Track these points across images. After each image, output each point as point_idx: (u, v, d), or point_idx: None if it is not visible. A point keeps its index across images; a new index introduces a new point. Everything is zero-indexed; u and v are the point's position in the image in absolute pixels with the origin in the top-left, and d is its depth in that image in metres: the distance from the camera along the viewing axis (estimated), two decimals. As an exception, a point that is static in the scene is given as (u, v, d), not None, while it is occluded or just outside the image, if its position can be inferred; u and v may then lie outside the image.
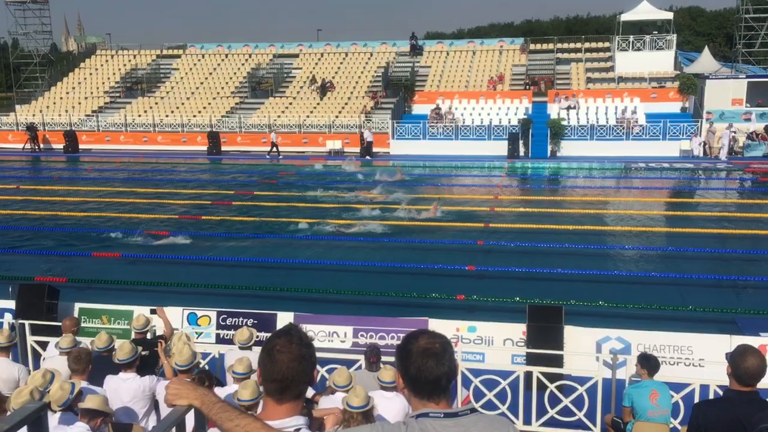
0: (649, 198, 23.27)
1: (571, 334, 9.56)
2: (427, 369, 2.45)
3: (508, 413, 8.01)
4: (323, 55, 45.47)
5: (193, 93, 42.79)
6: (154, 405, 6.38)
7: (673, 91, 35.86)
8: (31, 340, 9.26)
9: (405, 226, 18.39)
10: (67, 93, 44.45)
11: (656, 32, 39.74)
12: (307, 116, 38.28)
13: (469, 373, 8.24)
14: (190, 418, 2.56)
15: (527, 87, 38.67)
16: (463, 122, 35.38)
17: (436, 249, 16.55)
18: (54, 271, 14.85)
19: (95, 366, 6.22)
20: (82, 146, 38.55)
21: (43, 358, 8.19)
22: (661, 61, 38.13)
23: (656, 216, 20.53)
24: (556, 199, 23.14)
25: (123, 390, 6.19)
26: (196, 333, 10.56)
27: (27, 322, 9.49)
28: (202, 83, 43.83)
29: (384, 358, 6.96)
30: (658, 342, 9.62)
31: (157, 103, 41.70)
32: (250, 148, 37.19)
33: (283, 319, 10.55)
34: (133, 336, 7.96)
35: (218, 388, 5.96)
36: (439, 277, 13.99)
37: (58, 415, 5.10)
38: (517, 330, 10.04)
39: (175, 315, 10.63)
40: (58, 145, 38.50)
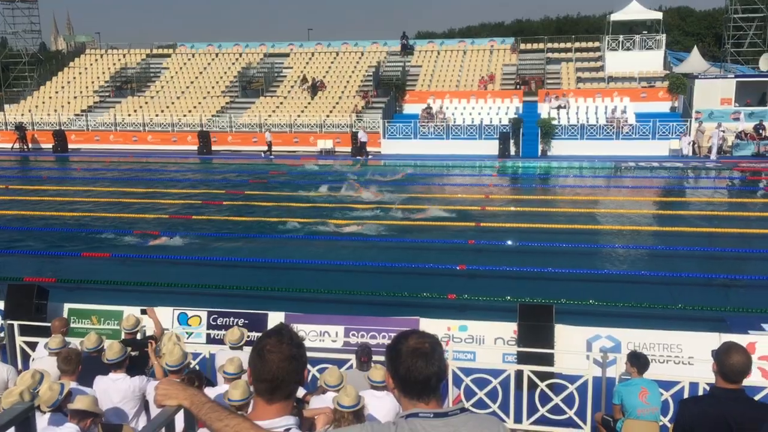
0: (639, 197, 23.39)
1: (562, 332, 9.60)
2: (416, 369, 2.45)
3: (499, 412, 8.03)
4: (314, 55, 45.42)
5: (183, 92, 42.64)
6: (144, 406, 6.35)
7: (663, 91, 36.05)
8: (20, 340, 9.20)
9: (396, 226, 18.39)
10: (56, 92, 44.19)
11: (646, 32, 39.92)
12: (298, 116, 38.23)
13: (460, 372, 8.24)
14: (180, 419, 2.55)
15: (518, 86, 38.76)
16: (454, 122, 35.42)
17: (428, 248, 16.56)
18: (43, 271, 14.76)
19: (85, 367, 6.19)
20: (71, 146, 38.36)
21: (32, 359, 8.14)
22: (650, 60, 38.32)
23: (646, 215, 20.62)
24: (546, 199, 23.21)
25: (113, 390, 6.16)
26: (187, 333, 10.53)
27: (16, 323, 9.43)
28: (193, 82, 43.69)
29: (375, 358, 6.96)
30: (648, 340, 9.67)
31: (147, 103, 41.53)
32: (241, 148, 37.11)
33: (274, 318, 10.53)
34: (123, 336, 7.91)
35: (209, 389, 5.94)
36: (430, 277, 14.00)
37: (47, 416, 5.07)
38: (508, 329, 10.06)
39: (166, 315, 10.59)
40: (47, 145, 38.29)
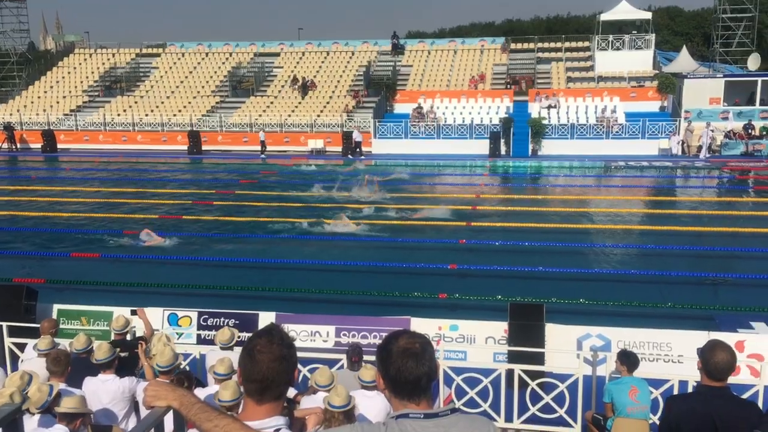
0: (629, 196, 23.48)
1: (553, 331, 9.62)
2: (406, 369, 2.45)
3: (490, 411, 8.04)
4: (304, 54, 45.36)
5: (173, 92, 42.48)
6: (134, 407, 6.33)
7: (652, 91, 36.22)
8: (9, 341, 9.13)
9: (387, 225, 18.38)
10: (45, 92, 43.94)
11: (635, 32, 40.10)
12: (289, 115, 38.17)
13: (451, 372, 8.25)
14: (170, 420, 2.54)
15: (508, 86, 38.84)
16: (445, 121, 35.47)
17: (419, 248, 16.57)
18: (32, 272, 14.64)
19: (74, 368, 6.16)
20: (60, 146, 38.15)
21: (21, 360, 8.09)
22: (640, 60, 38.50)
23: (636, 214, 20.70)
24: (537, 198, 23.27)
25: (102, 392, 6.13)
26: (177, 334, 10.49)
27: (4, 324, 9.36)
28: (182, 82, 43.53)
29: (366, 358, 6.96)
30: (638, 339, 9.70)
31: (136, 102, 41.35)
32: (231, 148, 37.02)
33: (265, 319, 10.50)
34: (112, 337, 7.87)
35: (199, 389, 5.92)
36: (421, 276, 13.99)
37: (37, 418, 5.04)
38: (499, 328, 10.07)
39: (156, 316, 10.55)
40: (36, 145, 38.08)
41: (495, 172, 30.12)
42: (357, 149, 34.21)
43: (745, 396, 6.98)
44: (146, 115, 39.72)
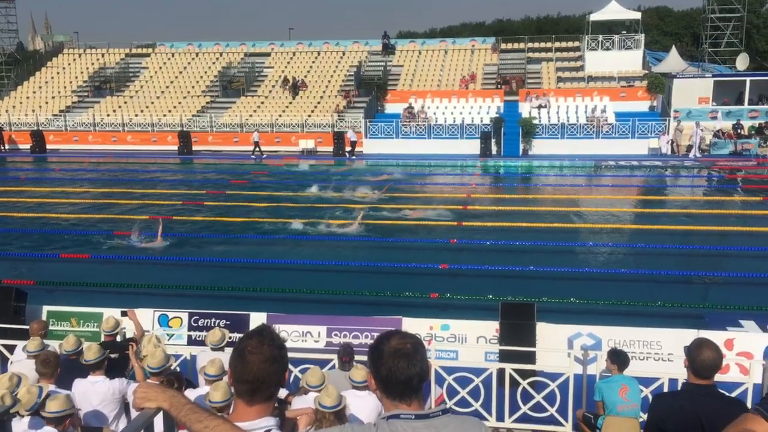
0: (619, 196, 23.57)
1: (543, 330, 9.65)
2: (398, 370, 2.44)
3: (482, 410, 8.05)
4: (295, 54, 45.29)
5: (163, 92, 42.32)
6: (125, 408, 6.30)
7: (642, 90, 36.37)
8: (-2, 344, 9.07)
9: (378, 225, 18.38)
10: (34, 92, 43.68)
11: (625, 32, 40.28)
12: (279, 115, 38.10)
13: (442, 371, 8.26)
14: (160, 421, 2.53)
15: (499, 86, 38.91)
16: (436, 121, 35.50)
17: (410, 248, 16.58)
18: (22, 273, 14.57)
19: (63, 369, 6.12)
20: (49, 146, 37.93)
21: (11, 362, 8.02)
22: (629, 60, 38.66)
23: (626, 213, 20.80)
24: (528, 197, 23.32)
25: (92, 393, 6.09)
26: (168, 335, 10.45)
27: (-7, 326, 9.30)
28: (172, 82, 43.37)
29: (358, 358, 6.95)
30: (628, 337, 9.75)
31: (126, 103, 41.16)
32: (222, 148, 36.92)
33: (256, 319, 10.47)
34: (102, 339, 7.84)
35: (190, 390, 5.90)
36: (412, 276, 13.99)
37: (26, 420, 5.00)
38: (490, 327, 10.10)
39: (146, 317, 10.50)
40: (25, 146, 37.84)
41: (486, 172, 30.18)
42: (352, 149, 34.20)
43: (735, 394, 7.03)
44: (136, 116, 39.54)
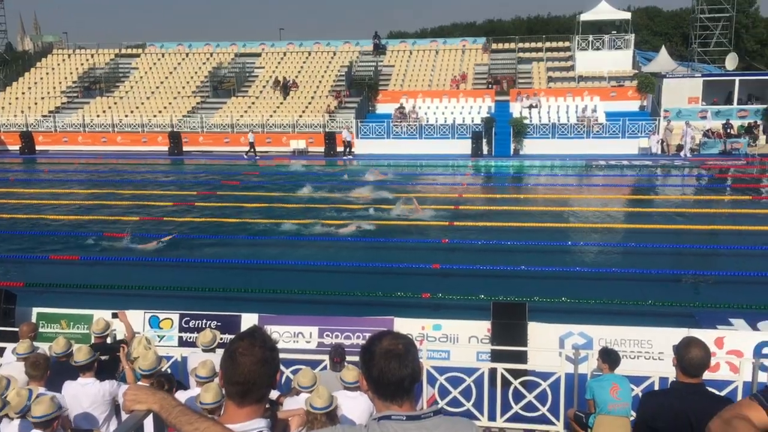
0: (610, 195, 23.65)
1: (535, 330, 9.68)
2: (389, 370, 2.44)
3: (473, 410, 8.06)
4: (286, 55, 45.21)
5: (153, 93, 42.15)
6: (116, 410, 6.26)
7: (632, 90, 36.51)
8: (-13, 346, 9.00)
9: (370, 226, 18.36)
10: (23, 93, 43.41)
11: (615, 32, 40.43)
12: (270, 116, 38.02)
13: (434, 371, 8.27)
14: (150, 423, 2.52)
15: (490, 86, 38.97)
16: (427, 121, 35.52)
17: (401, 248, 16.58)
18: (11, 275, 14.49)
19: (53, 372, 6.09)
20: (38, 147, 37.74)
21: (0, 365, 7.98)
22: (619, 60, 38.80)
23: (617, 213, 20.88)
24: (519, 197, 23.37)
25: (82, 395, 6.06)
26: (158, 336, 10.41)
27: (-18, 329, 9.24)
28: (162, 83, 43.21)
29: (350, 358, 6.94)
30: (619, 336, 9.79)
31: (116, 103, 40.97)
32: (213, 148, 36.81)
33: (248, 320, 10.45)
34: (92, 340, 7.80)
35: (181, 392, 5.87)
36: (404, 276, 14.00)
37: (16, 423, 4.97)
38: (482, 327, 10.11)
39: (137, 318, 10.46)
40: (14, 147, 37.61)
41: (477, 172, 30.22)
42: (347, 149, 34.16)
43: (725, 392, 7.06)
44: (126, 116, 39.37)
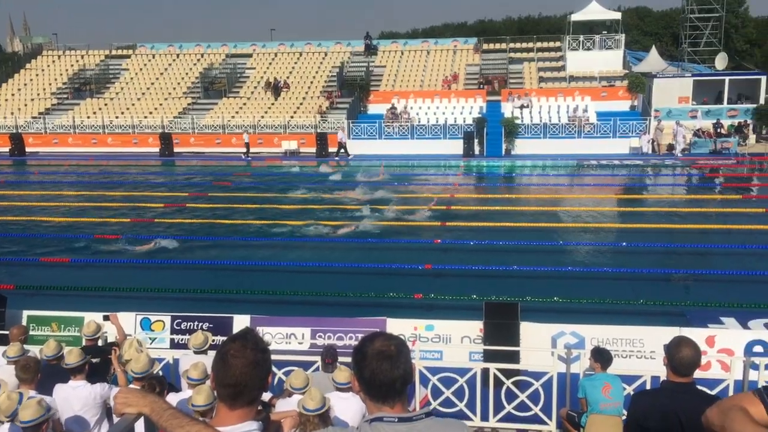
0: (601, 194, 23.71)
1: (527, 330, 9.70)
2: (381, 372, 2.43)
3: (466, 410, 8.06)
4: (277, 55, 45.14)
5: (144, 94, 42.00)
6: (107, 413, 6.23)
7: (623, 90, 36.65)
8: (-23, 350, 8.94)
9: (362, 226, 18.35)
10: (13, 95, 43.17)
11: (605, 32, 40.57)
12: (262, 117, 37.95)
13: (427, 372, 8.26)
14: (141, 426, 2.50)
15: (481, 86, 39.03)
16: (419, 121, 35.55)
17: (394, 248, 16.58)
18: (0, 278, 14.39)
19: (44, 375, 6.05)
20: (28, 149, 37.54)
21: (-11, 369, 7.92)
22: (610, 60, 38.94)
23: (609, 212, 20.95)
24: (511, 197, 23.40)
25: (73, 398, 6.02)
26: (150, 338, 10.37)
27: (-28, 332, 9.18)
28: (153, 84, 43.05)
29: (342, 359, 6.92)
30: (611, 335, 9.82)
31: (106, 104, 40.80)
32: (204, 149, 36.71)
33: (240, 322, 10.42)
34: (83, 343, 7.76)
35: (172, 394, 5.85)
36: (396, 277, 14.01)
37: (6, 427, 4.94)
38: (474, 327, 10.12)
39: (128, 320, 10.42)
40: (4, 149, 37.36)
41: (469, 172, 30.26)
42: (342, 150, 34.14)
43: (716, 391, 7.10)
44: (116, 118, 39.21)
